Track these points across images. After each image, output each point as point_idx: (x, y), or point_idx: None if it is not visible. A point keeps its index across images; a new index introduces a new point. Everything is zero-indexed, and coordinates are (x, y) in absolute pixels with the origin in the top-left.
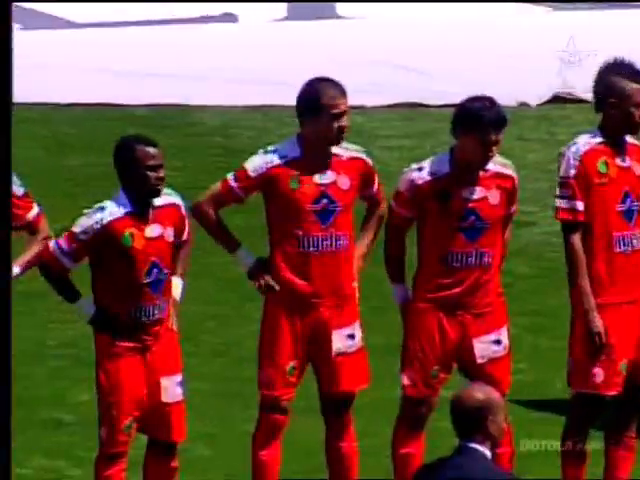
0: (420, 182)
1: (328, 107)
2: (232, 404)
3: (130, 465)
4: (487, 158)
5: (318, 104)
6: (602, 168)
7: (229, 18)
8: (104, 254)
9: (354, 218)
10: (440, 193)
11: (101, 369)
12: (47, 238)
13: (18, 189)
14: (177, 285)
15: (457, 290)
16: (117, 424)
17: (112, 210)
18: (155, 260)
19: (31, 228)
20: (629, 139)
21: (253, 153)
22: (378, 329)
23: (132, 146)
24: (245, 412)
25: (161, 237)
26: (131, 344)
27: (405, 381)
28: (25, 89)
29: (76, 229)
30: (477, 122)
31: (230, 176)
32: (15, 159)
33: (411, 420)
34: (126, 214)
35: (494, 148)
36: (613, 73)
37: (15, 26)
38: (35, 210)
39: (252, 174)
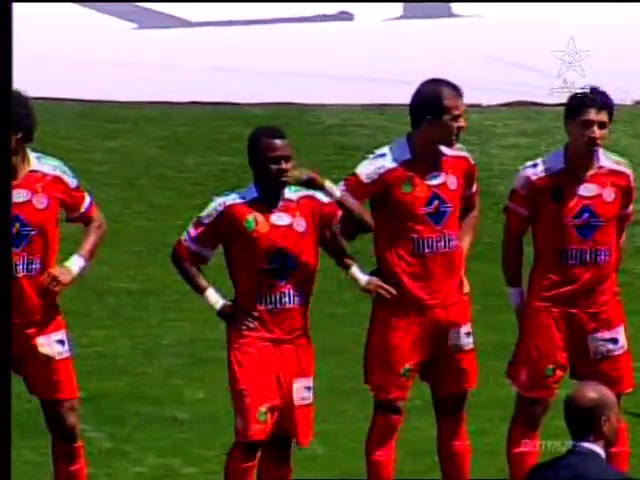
0: (535, 179)
1: (449, 108)
2: (347, 402)
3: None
4: (591, 141)
5: (439, 105)
6: None
7: (345, 16)
8: (229, 239)
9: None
10: (554, 190)
11: (232, 359)
12: (101, 226)
13: (72, 181)
14: None
15: (572, 288)
16: (251, 412)
17: (236, 196)
18: (281, 247)
19: (85, 218)
20: None
21: (369, 151)
22: (489, 328)
23: (258, 138)
24: (360, 410)
25: (290, 226)
26: (261, 334)
27: (520, 380)
28: (141, 88)
29: (202, 214)
30: (576, 104)
31: (342, 186)
32: (132, 157)
33: (526, 419)
34: (251, 200)
35: (596, 129)
36: None
37: (130, 25)
38: (88, 200)
39: (366, 181)
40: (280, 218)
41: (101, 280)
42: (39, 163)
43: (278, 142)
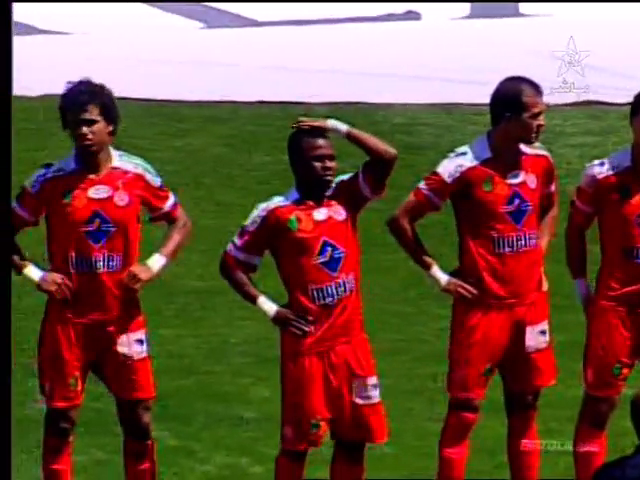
0: (601, 177)
1: (528, 106)
2: (414, 401)
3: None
4: None
5: (519, 102)
6: None
7: (413, 16)
8: (275, 242)
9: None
10: (621, 187)
11: (286, 368)
12: (186, 225)
13: (154, 180)
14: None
15: (639, 287)
16: (302, 424)
17: (278, 199)
18: (326, 239)
19: (169, 217)
20: None
21: (435, 151)
22: (555, 327)
23: (300, 137)
24: (427, 409)
25: (330, 219)
26: (315, 340)
27: (587, 379)
28: (208, 87)
29: (246, 222)
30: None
31: (423, 185)
32: (199, 155)
33: (593, 418)
34: (293, 202)
35: None
36: None
37: (198, 24)
38: (172, 200)
39: (448, 179)
40: (320, 213)
41: (170, 279)
42: (121, 160)
43: (321, 141)
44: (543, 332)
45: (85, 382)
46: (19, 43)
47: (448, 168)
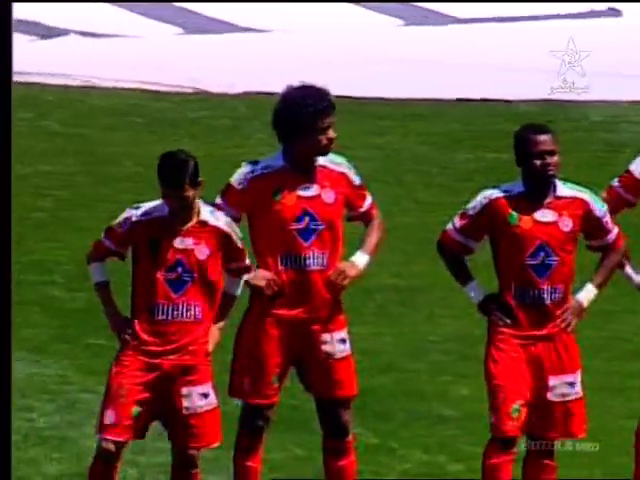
0: None
1: None
2: (615, 399)
3: None
4: None
5: None
6: None
7: (613, 13)
8: (493, 232)
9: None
10: None
11: (488, 354)
12: (382, 223)
13: (356, 179)
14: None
15: None
16: (505, 408)
17: (502, 189)
18: (542, 243)
19: (366, 217)
20: None
21: (634, 148)
22: None
23: (522, 134)
24: (626, 407)
25: (554, 223)
26: (518, 332)
27: None
28: (408, 84)
29: (468, 205)
30: None
31: (615, 182)
32: (399, 154)
33: None
34: (516, 195)
35: None
36: None
37: (397, 21)
38: (369, 199)
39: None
40: (545, 215)
41: (368, 277)
42: (326, 158)
43: (541, 137)
44: None
45: (285, 380)
46: (219, 40)
47: None
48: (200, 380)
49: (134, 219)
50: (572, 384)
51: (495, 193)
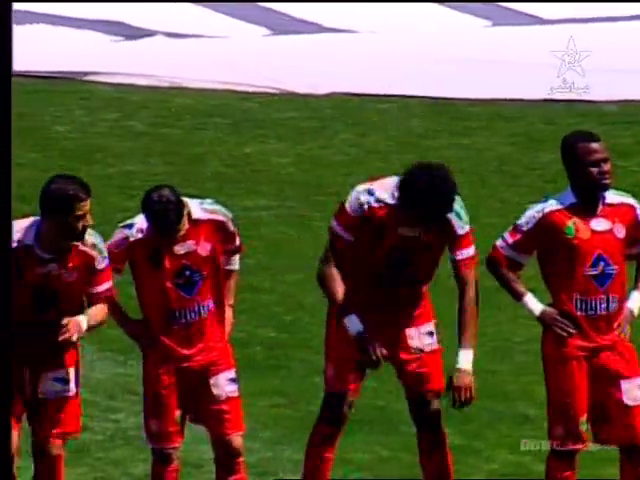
0: None
1: None
2: None
3: None
4: None
5: None
6: None
7: None
8: (546, 245)
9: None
10: None
11: (549, 368)
12: None
13: None
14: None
15: None
16: (572, 423)
17: (554, 202)
18: (600, 252)
19: None
20: None
21: None
22: None
23: (573, 143)
24: None
25: (610, 231)
26: (579, 344)
27: None
28: (494, 85)
29: (520, 221)
30: None
31: None
32: (484, 154)
33: None
34: (570, 206)
35: None
36: None
37: (484, 22)
38: None
39: None
40: (599, 224)
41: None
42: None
43: (595, 145)
44: None
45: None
46: (305, 41)
47: None
48: (225, 367)
49: (131, 239)
50: None
51: (548, 206)
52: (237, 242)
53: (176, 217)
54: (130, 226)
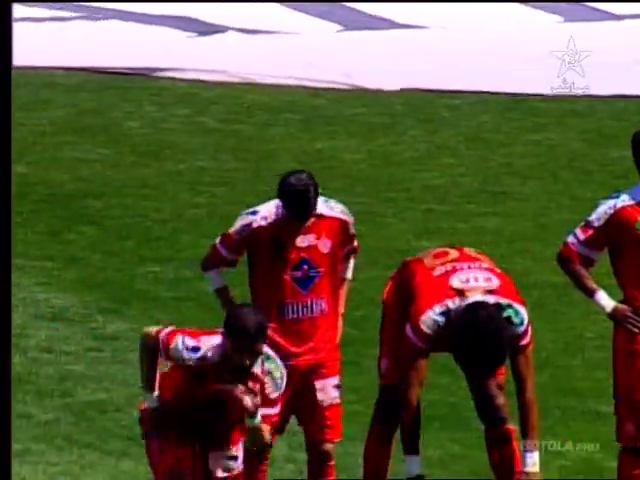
0: None
1: None
2: None
3: None
4: None
5: None
6: None
7: None
8: (618, 241)
9: None
10: None
11: (618, 362)
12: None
13: None
14: None
15: None
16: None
17: (626, 197)
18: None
19: None
20: None
21: None
22: None
23: None
24: None
25: None
26: None
27: None
28: (565, 81)
29: (591, 217)
30: None
31: None
32: (556, 150)
33: None
34: (638, 203)
35: None
36: None
37: (556, 18)
38: None
39: None
40: None
41: (523, 273)
42: None
43: None
44: None
45: None
46: (377, 37)
47: None
48: (332, 372)
49: (254, 225)
50: None
51: (620, 202)
52: (354, 244)
53: (314, 199)
54: (254, 212)
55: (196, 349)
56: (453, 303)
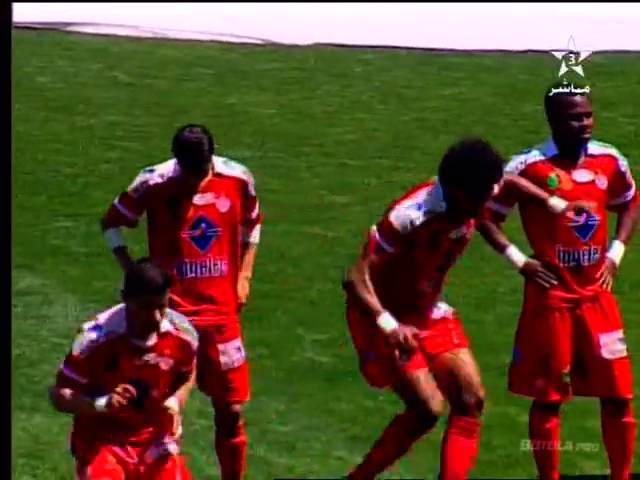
0: None
1: None
2: None
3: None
4: None
5: None
6: None
7: None
8: (527, 197)
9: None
10: None
11: (526, 320)
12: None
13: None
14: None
15: None
16: (553, 374)
17: (536, 152)
18: (584, 204)
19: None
20: None
21: None
22: None
23: (555, 94)
24: None
25: (592, 182)
26: (561, 294)
27: None
28: (479, 36)
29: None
30: None
31: None
32: (468, 105)
33: None
34: (552, 157)
35: None
36: None
37: None
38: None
39: None
40: (581, 175)
41: None
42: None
43: (578, 98)
44: None
45: None
46: None
47: None
48: (233, 334)
49: (151, 182)
50: (622, 340)
51: (530, 157)
52: (256, 211)
53: (208, 153)
54: (151, 170)
55: (97, 327)
56: (423, 192)
